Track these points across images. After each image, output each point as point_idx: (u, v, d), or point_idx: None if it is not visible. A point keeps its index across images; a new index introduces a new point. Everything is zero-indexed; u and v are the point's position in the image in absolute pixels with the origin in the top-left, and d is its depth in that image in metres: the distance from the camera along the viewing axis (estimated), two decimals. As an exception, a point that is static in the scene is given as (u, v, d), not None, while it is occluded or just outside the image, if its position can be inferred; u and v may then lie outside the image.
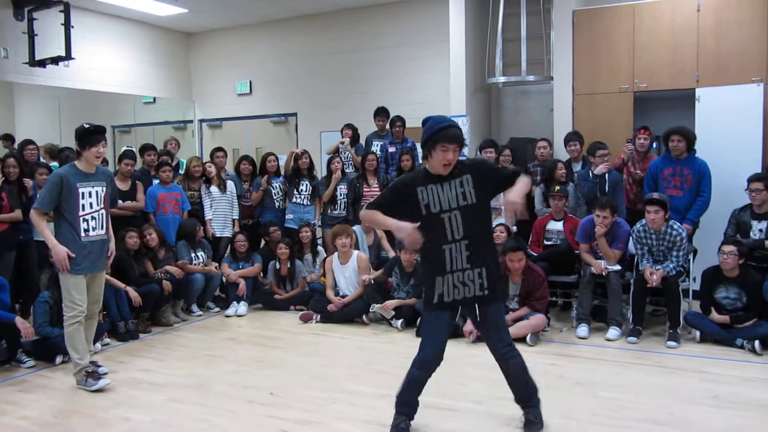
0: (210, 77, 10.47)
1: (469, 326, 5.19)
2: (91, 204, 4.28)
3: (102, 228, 4.36)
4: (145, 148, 7.12)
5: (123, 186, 6.25)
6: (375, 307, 5.83)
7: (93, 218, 4.30)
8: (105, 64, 9.25)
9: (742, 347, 4.89)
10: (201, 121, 10.69)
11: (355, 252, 6.19)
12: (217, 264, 6.65)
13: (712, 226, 5.80)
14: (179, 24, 10.00)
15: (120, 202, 6.17)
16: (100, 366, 4.53)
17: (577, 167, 6.55)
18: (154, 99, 10.23)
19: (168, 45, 10.25)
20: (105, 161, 6.38)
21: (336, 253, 6.25)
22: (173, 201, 6.59)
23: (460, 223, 3.05)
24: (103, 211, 4.36)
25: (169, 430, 3.61)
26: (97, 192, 4.31)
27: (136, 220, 6.31)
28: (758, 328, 4.92)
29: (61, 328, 4.35)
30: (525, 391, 3.38)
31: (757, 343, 4.80)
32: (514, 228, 6.23)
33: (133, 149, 7.27)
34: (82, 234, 4.25)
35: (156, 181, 6.68)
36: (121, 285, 5.55)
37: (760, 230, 5.31)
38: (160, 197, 6.53)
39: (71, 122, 7.95)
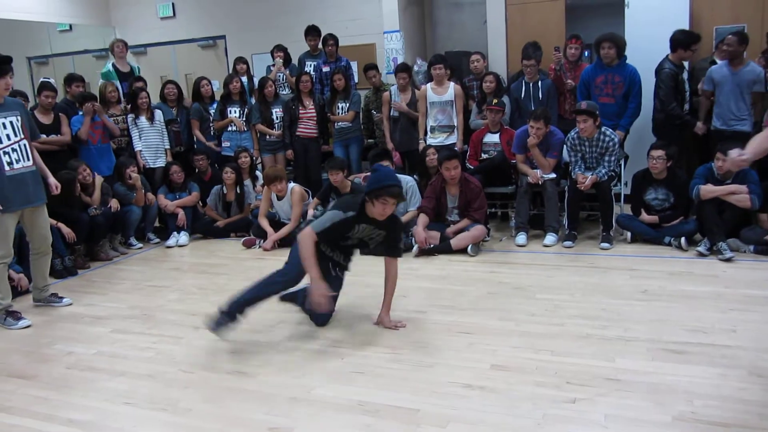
0: (129, 0, 9.85)
1: (421, 234, 5.27)
2: (8, 136, 4.12)
3: (28, 159, 4.25)
4: (73, 79, 6.70)
5: (45, 119, 5.93)
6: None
7: (14, 150, 4.15)
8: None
9: (669, 245, 5.15)
10: (124, 48, 10.09)
11: (290, 186, 6.10)
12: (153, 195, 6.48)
13: (642, 133, 5.97)
14: (90, -58, 9.29)
15: (43, 136, 5.89)
16: (62, 297, 4.65)
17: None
18: (71, 26, 9.58)
19: (79, -34, 9.53)
20: (24, 95, 6.05)
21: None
22: (99, 130, 6.33)
23: (356, 249, 3.86)
24: (24, 141, 4.23)
25: (115, 361, 3.58)
26: (12, 123, 4.15)
27: (63, 154, 6.02)
28: (684, 225, 5.19)
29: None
30: None
31: (683, 239, 5.07)
32: (466, 147, 6.30)
33: (51, 80, 6.83)
34: (6, 168, 4.09)
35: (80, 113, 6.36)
36: (52, 221, 5.34)
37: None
38: (86, 128, 6.23)
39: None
